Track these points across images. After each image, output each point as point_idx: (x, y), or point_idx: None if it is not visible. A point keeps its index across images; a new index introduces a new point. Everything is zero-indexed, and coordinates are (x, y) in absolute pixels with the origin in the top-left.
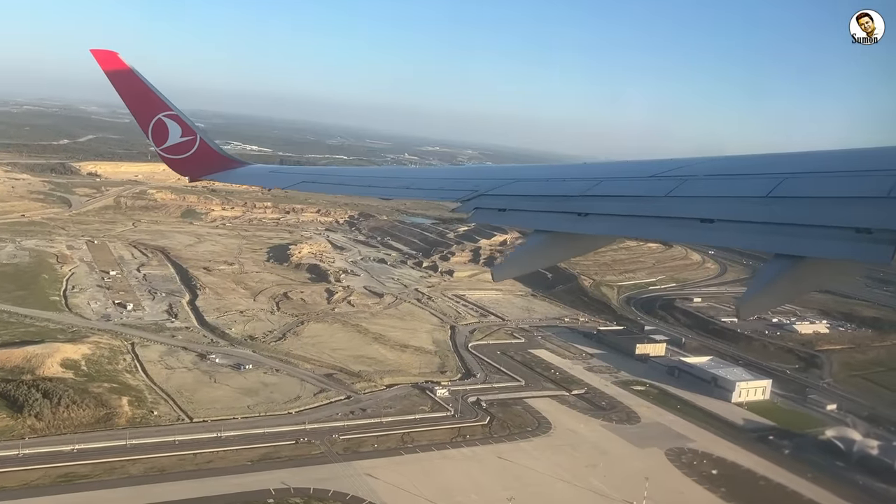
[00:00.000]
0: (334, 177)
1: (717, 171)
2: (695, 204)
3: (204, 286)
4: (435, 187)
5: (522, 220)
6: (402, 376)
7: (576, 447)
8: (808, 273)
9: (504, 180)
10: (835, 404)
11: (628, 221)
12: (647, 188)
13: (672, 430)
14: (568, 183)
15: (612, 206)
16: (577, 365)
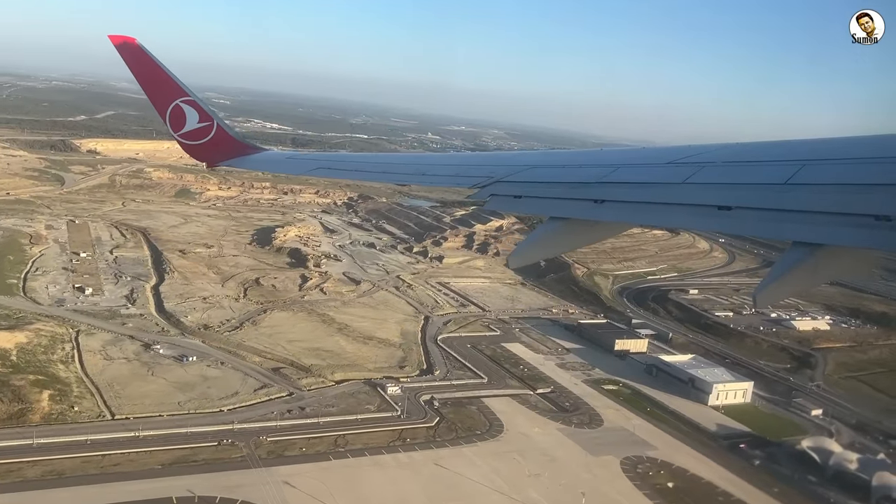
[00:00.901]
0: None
1: (734, 157)
2: (712, 191)
3: (173, 270)
4: (450, 174)
5: (538, 207)
6: (355, 371)
7: (524, 454)
8: (826, 261)
9: (520, 167)
10: (820, 409)
11: (645, 208)
12: (664, 175)
13: (635, 435)
14: (584, 169)
15: (629, 192)
16: (549, 361)
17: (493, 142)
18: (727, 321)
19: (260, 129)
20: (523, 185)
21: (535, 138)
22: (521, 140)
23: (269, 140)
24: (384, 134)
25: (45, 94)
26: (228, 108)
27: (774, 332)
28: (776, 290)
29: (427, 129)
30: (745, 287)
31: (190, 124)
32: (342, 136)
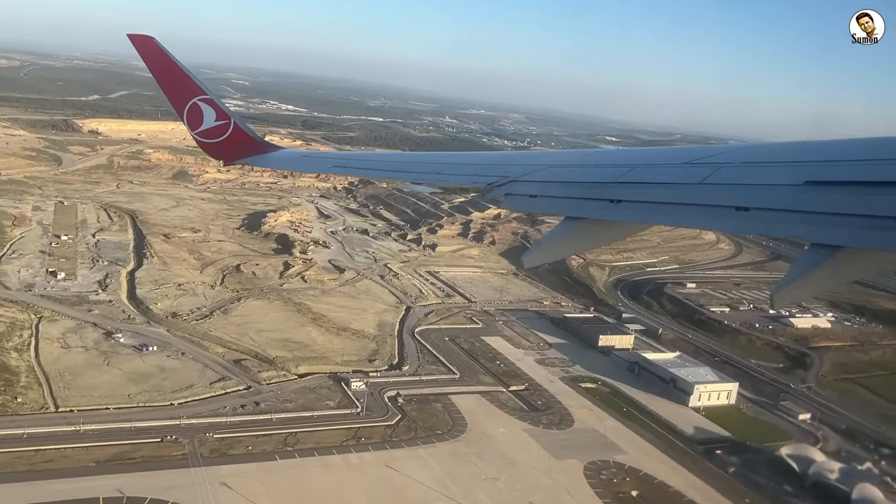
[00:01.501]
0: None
1: (752, 158)
2: (730, 191)
3: (153, 255)
4: (466, 173)
5: (554, 206)
6: (322, 364)
7: (483, 456)
8: (845, 263)
9: (535, 166)
10: (809, 413)
11: (662, 209)
12: (682, 175)
13: (606, 438)
14: (600, 169)
15: (646, 192)
16: (529, 356)
17: (512, 126)
18: (722, 317)
19: (274, 110)
20: (539, 184)
21: (554, 122)
22: (540, 125)
23: (279, 121)
24: (400, 117)
25: (63, 73)
26: (247, 88)
27: (771, 329)
28: (795, 292)
29: (445, 112)
30: (748, 281)
31: (207, 122)
32: (357, 118)
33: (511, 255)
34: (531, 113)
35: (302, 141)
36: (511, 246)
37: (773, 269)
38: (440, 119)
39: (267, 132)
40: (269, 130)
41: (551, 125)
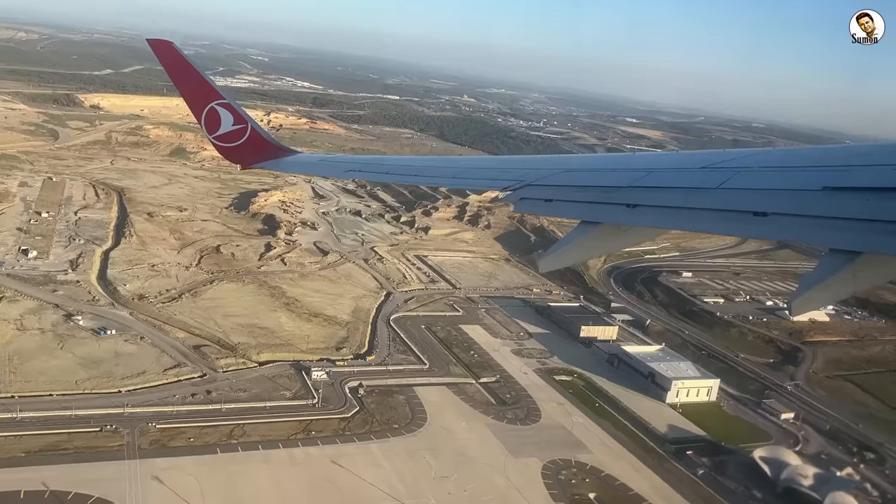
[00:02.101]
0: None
1: (770, 163)
2: (748, 196)
3: (133, 234)
4: (481, 177)
5: (569, 211)
6: (285, 352)
7: (437, 453)
8: (865, 269)
9: (551, 170)
10: (792, 413)
11: (678, 213)
12: (699, 179)
13: (572, 435)
14: (616, 173)
15: (662, 197)
16: (506, 346)
17: (531, 106)
18: (715, 308)
19: (288, 87)
20: (554, 188)
21: (575, 103)
22: (560, 105)
23: (289, 99)
24: (417, 95)
25: (80, 47)
26: (265, 65)
27: (765, 322)
28: (813, 298)
29: (464, 91)
30: (749, 271)
31: (224, 126)
32: (372, 96)
33: (506, 240)
34: (553, 93)
35: (307, 119)
36: (507, 230)
37: (779, 257)
38: (458, 98)
39: (273, 109)
40: (277, 108)
41: (571, 105)
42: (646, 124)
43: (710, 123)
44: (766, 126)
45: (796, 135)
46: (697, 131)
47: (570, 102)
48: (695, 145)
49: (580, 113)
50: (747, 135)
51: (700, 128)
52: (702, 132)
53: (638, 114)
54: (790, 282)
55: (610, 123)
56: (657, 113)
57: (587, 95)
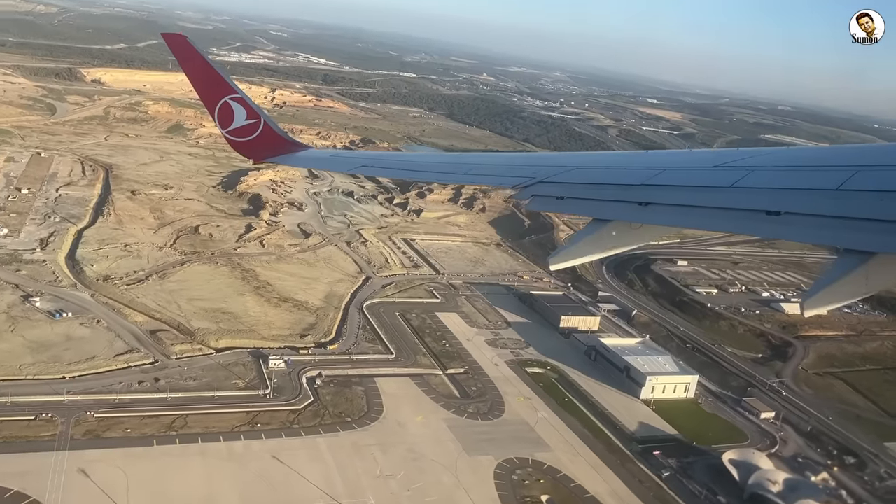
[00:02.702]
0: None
1: (784, 162)
2: (761, 195)
3: (111, 212)
4: (493, 173)
5: (581, 208)
6: (246, 338)
7: (386, 448)
8: (878, 270)
9: (563, 167)
10: (773, 412)
11: (691, 212)
12: (712, 178)
13: (534, 432)
14: (629, 171)
15: (675, 195)
16: (481, 335)
17: (551, 85)
18: (706, 299)
19: (304, 63)
20: (566, 185)
21: (597, 82)
22: (581, 84)
23: (300, 76)
24: (434, 73)
25: (97, 20)
26: (284, 41)
27: (758, 314)
28: (825, 298)
29: (484, 69)
30: (749, 260)
31: (238, 121)
32: (388, 74)
33: (500, 224)
34: (575, 72)
35: (313, 96)
36: (502, 214)
37: (784, 245)
38: (476, 76)
39: (280, 86)
40: (284, 84)
41: (593, 85)
42: (666, 105)
43: (733, 105)
44: (793, 108)
45: (822, 118)
46: (719, 113)
47: (592, 82)
48: (714, 127)
49: (601, 93)
50: (770, 117)
51: (722, 110)
52: (723, 114)
53: (660, 94)
54: (791, 272)
55: (629, 104)
56: (680, 94)
57: (610, 75)
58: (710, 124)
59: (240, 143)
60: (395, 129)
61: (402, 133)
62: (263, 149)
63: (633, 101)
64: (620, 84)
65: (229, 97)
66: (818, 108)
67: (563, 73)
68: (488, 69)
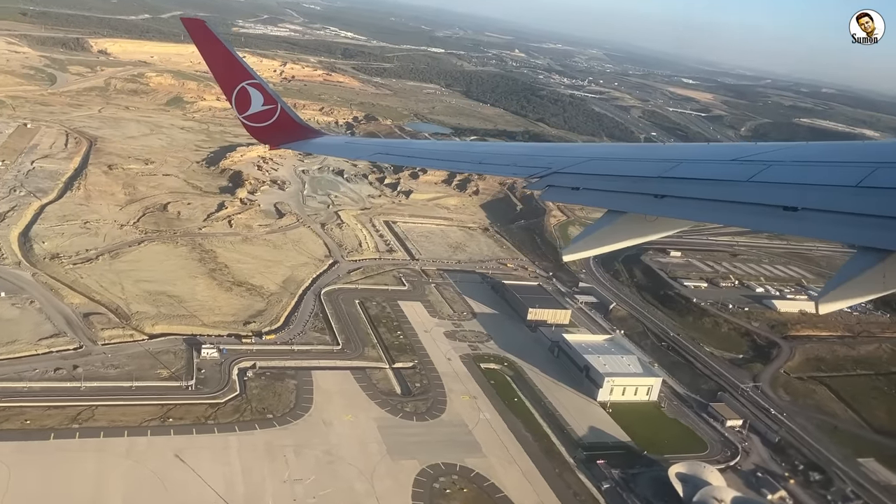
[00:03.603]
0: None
1: (803, 157)
2: (778, 190)
3: (81, 187)
4: (507, 163)
5: (596, 200)
6: (185, 324)
7: (302, 450)
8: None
9: (578, 158)
10: (740, 420)
11: (707, 206)
12: (729, 172)
13: (470, 435)
14: (645, 164)
15: (691, 188)
16: (441, 327)
17: (585, 63)
18: (693, 293)
19: (331, 37)
20: (582, 176)
21: (633, 60)
22: (616, 62)
23: (319, 49)
24: (464, 49)
25: None
26: (315, 14)
27: (746, 311)
28: (840, 296)
29: (517, 45)
30: (750, 251)
31: (255, 107)
32: (415, 48)
33: (492, 207)
34: (612, 50)
35: (324, 70)
36: (495, 197)
37: (792, 237)
38: (507, 52)
39: (294, 59)
40: (298, 58)
41: (628, 64)
42: (700, 86)
43: (773, 87)
44: (837, 92)
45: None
46: (754, 95)
47: (629, 60)
48: (746, 110)
49: (635, 72)
50: (809, 101)
51: (759, 91)
52: (758, 96)
53: (698, 75)
54: (795, 266)
55: (661, 84)
56: (720, 74)
57: (646, 53)
58: (742, 107)
59: (256, 129)
60: (403, 105)
61: (409, 110)
62: (279, 134)
63: (667, 80)
64: (658, 63)
65: (247, 83)
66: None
67: (600, 51)
68: (521, 45)
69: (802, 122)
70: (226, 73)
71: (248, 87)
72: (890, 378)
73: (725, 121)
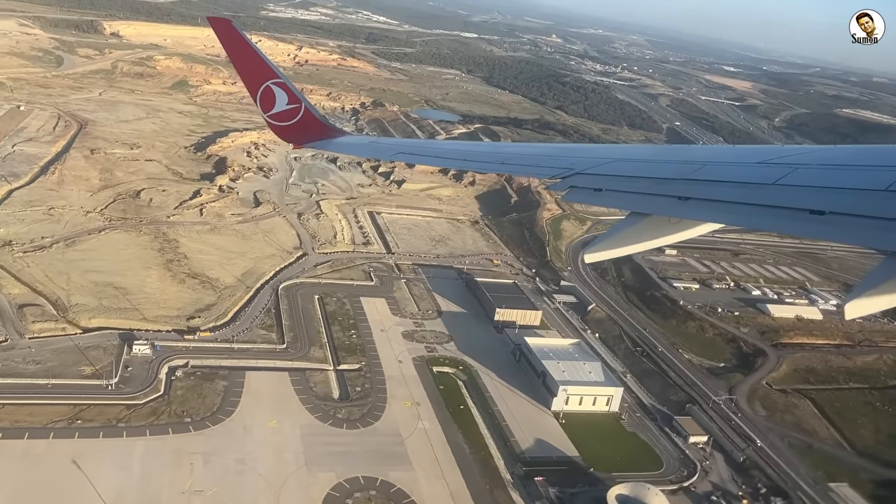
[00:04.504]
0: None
1: (830, 161)
2: (805, 194)
3: (56, 171)
4: (530, 164)
5: (619, 202)
6: (124, 318)
7: (211, 458)
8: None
9: (601, 159)
10: (705, 436)
11: (732, 208)
12: (754, 174)
13: (402, 446)
14: (669, 165)
15: (715, 191)
16: (400, 326)
17: (624, 49)
18: (682, 295)
19: (363, 21)
20: (604, 177)
21: (675, 47)
22: (657, 49)
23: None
24: (498, 34)
25: None
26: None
27: (736, 315)
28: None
29: (554, 31)
30: (755, 251)
31: (279, 105)
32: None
33: (487, 199)
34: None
35: (341, 55)
36: (491, 188)
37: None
38: (543, 38)
39: (313, 44)
40: (316, 42)
41: (670, 50)
42: (741, 74)
43: (821, 76)
44: (889, 81)
45: None
46: (797, 84)
47: (670, 47)
48: (785, 99)
49: (675, 58)
50: (856, 90)
51: (804, 80)
52: (801, 85)
53: (742, 62)
54: (801, 268)
55: (699, 71)
56: (767, 62)
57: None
58: (781, 96)
59: (280, 128)
60: (416, 91)
61: (421, 96)
62: (303, 133)
63: (707, 68)
64: (702, 50)
65: (272, 82)
66: None
67: (642, 37)
68: (559, 31)
69: (843, 113)
70: (251, 72)
71: (273, 86)
72: (885, 393)
73: (759, 110)
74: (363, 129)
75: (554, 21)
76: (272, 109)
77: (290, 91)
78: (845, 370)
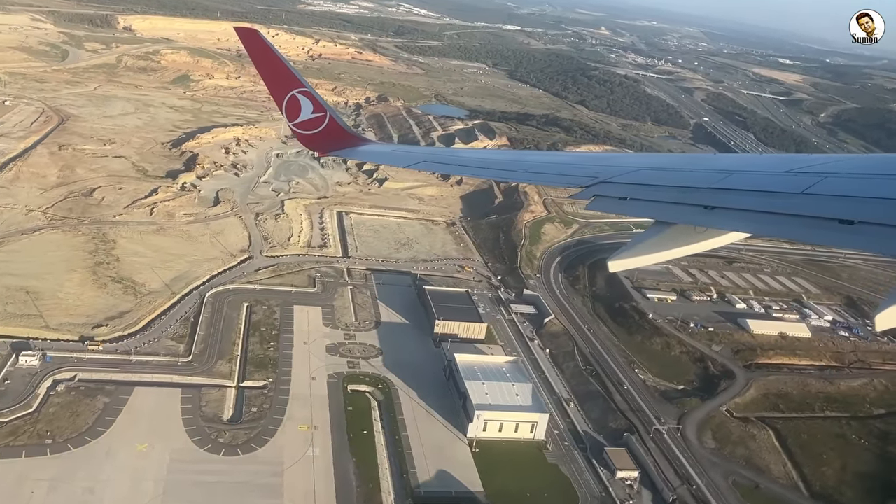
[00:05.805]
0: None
1: (859, 169)
2: (834, 203)
3: (14, 168)
4: (554, 172)
5: (644, 210)
6: (23, 326)
7: (57, 486)
8: None
9: (626, 168)
10: (636, 471)
11: (759, 217)
12: (782, 183)
13: (278, 476)
14: (694, 174)
15: (742, 200)
16: (328, 338)
17: (677, 41)
18: (653, 307)
19: (404, 14)
20: (629, 186)
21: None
22: (712, 41)
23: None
24: (541, 27)
25: None
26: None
27: (710, 331)
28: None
29: (604, 23)
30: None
31: (304, 114)
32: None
33: (472, 199)
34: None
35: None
36: (478, 188)
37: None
38: (590, 30)
39: (333, 37)
40: (337, 35)
41: (725, 42)
42: (796, 67)
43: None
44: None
45: None
46: (854, 77)
47: (728, 39)
48: (836, 93)
49: (730, 51)
50: None
51: (864, 73)
52: (858, 78)
53: (802, 54)
54: (802, 278)
55: (750, 64)
56: (830, 54)
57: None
58: (833, 90)
59: (306, 136)
60: (428, 85)
61: (433, 91)
62: (327, 142)
63: (762, 61)
64: (761, 42)
65: (297, 90)
66: None
67: (698, 29)
68: (610, 23)
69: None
70: (277, 81)
71: (299, 94)
72: (866, 424)
73: (804, 105)
74: (361, 124)
75: (607, 13)
76: (298, 118)
77: (315, 100)
78: (824, 396)
